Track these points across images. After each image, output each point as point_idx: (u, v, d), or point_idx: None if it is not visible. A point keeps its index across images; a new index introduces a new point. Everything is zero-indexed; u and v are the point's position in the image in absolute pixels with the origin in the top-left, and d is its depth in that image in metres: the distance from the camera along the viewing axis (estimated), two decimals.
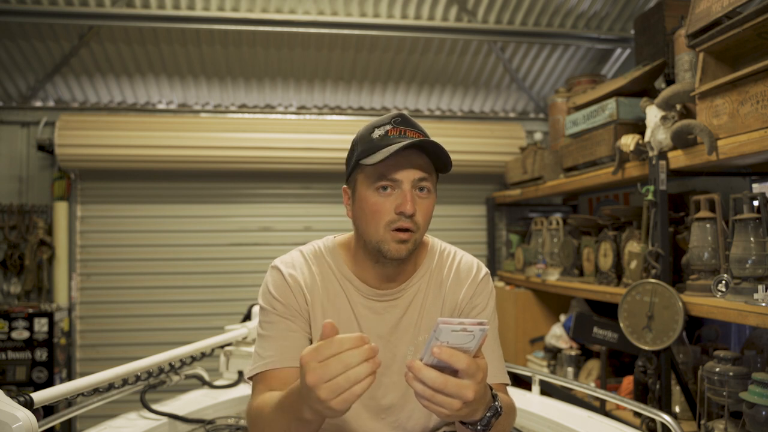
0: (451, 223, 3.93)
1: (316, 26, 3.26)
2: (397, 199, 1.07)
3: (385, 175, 1.07)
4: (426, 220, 1.11)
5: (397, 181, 1.07)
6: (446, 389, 0.79)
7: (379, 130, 1.09)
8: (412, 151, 1.08)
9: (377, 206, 1.08)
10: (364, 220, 1.11)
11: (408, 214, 1.06)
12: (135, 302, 3.59)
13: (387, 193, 1.08)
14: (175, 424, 1.56)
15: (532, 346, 3.23)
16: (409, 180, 1.07)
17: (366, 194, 1.10)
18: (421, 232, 1.11)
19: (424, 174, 1.08)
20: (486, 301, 1.23)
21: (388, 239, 1.08)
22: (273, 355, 1.11)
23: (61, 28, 3.17)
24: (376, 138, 1.08)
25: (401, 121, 1.10)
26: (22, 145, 3.57)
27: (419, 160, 1.08)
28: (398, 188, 1.08)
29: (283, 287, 1.16)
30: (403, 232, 1.08)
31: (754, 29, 1.59)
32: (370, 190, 1.09)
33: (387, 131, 1.08)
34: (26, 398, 1.12)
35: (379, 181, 1.08)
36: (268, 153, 3.53)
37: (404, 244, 1.08)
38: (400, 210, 1.06)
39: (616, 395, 1.66)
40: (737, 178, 2.27)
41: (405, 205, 1.06)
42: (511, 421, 1.14)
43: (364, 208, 1.10)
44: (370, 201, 1.09)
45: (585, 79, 3.14)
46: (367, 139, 1.10)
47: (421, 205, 1.09)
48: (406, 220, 1.07)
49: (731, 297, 1.72)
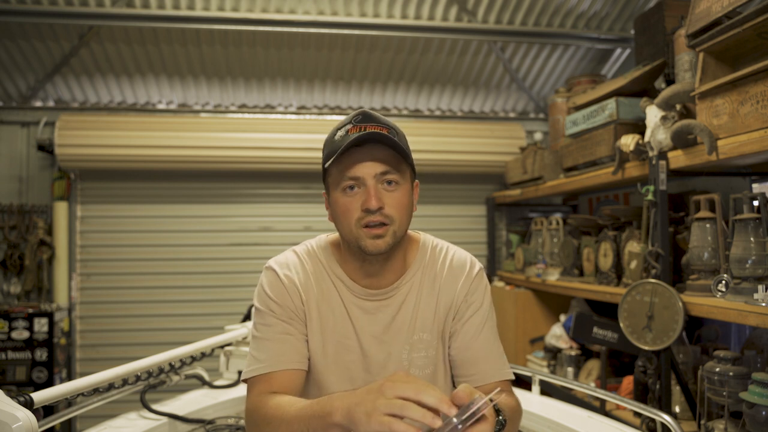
0: (451, 223, 3.93)
1: (316, 26, 3.26)
2: (363, 196, 1.07)
3: (346, 175, 1.07)
4: (400, 212, 1.10)
5: (359, 178, 1.07)
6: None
7: (341, 130, 1.10)
8: (374, 146, 1.07)
9: (345, 206, 1.09)
10: (338, 221, 1.12)
11: (373, 209, 1.06)
12: (135, 302, 3.59)
13: (353, 193, 1.08)
14: (175, 424, 1.56)
15: (532, 346, 3.23)
16: (371, 175, 1.07)
17: (335, 196, 1.11)
18: (399, 224, 1.10)
19: (386, 167, 1.08)
20: (482, 297, 1.22)
21: (363, 236, 1.08)
22: (269, 358, 1.10)
23: (61, 28, 3.17)
24: (337, 139, 1.09)
25: (362, 118, 1.10)
26: (22, 145, 3.57)
27: (380, 154, 1.07)
28: (363, 185, 1.08)
29: (279, 288, 1.16)
30: (377, 227, 1.07)
31: (754, 29, 1.59)
32: (338, 191, 1.10)
33: (347, 130, 1.08)
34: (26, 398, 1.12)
35: (343, 181, 1.08)
36: (268, 153, 3.53)
37: (380, 239, 1.08)
38: (365, 207, 1.06)
39: (616, 395, 1.66)
40: (737, 178, 2.27)
41: (369, 201, 1.06)
42: (517, 422, 1.14)
43: (336, 210, 1.11)
44: (339, 202, 1.10)
45: (585, 79, 3.14)
46: (330, 141, 1.12)
47: (389, 198, 1.08)
48: (373, 215, 1.07)
49: (731, 297, 1.71)
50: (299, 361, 1.13)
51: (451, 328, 1.21)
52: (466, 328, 1.19)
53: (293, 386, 1.10)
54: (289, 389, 1.08)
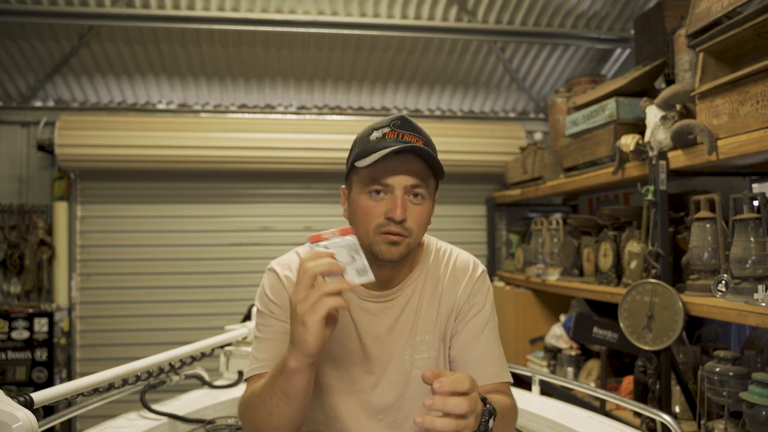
0: (451, 223, 3.93)
1: (316, 26, 3.26)
2: (388, 204, 1.06)
3: (377, 180, 1.06)
4: (420, 226, 1.10)
5: (389, 186, 1.06)
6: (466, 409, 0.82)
7: (377, 132, 1.09)
8: (408, 156, 1.07)
9: (368, 209, 1.08)
10: (356, 221, 1.11)
11: (397, 220, 1.05)
12: (135, 302, 3.59)
13: (379, 197, 1.07)
14: (175, 424, 1.56)
15: (532, 346, 3.23)
16: (401, 186, 1.06)
17: (359, 197, 1.10)
18: (415, 238, 1.10)
19: (417, 180, 1.07)
20: (484, 299, 1.22)
21: (379, 241, 1.07)
22: (269, 358, 1.11)
23: (61, 28, 3.17)
24: (372, 140, 1.08)
25: (400, 124, 1.09)
26: (22, 145, 3.57)
27: (414, 166, 1.07)
28: (390, 193, 1.07)
29: (279, 289, 1.16)
30: (394, 235, 1.07)
31: (754, 29, 1.59)
32: (363, 193, 1.09)
33: (385, 134, 1.07)
34: (26, 398, 1.12)
35: (372, 184, 1.07)
36: (268, 153, 3.53)
37: (395, 246, 1.07)
38: (389, 215, 1.05)
39: (616, 395, 1.65)
40: (737, 178, 2.27)
41: (395, 211, 1.05)
42: (512, 422, 1.14)
43: (356, 211, 1.10)
44: (362, 204, 1.09)
45: (585, 79, 3.14)
46: (364, 140, 1.10)
47: (413, 211, 1.08)
48: (395, 225, 1.06)
49: (731, 297, 1.71)
50: None
51: (452, 329, 1.21)
52: (467, 329, 1.20)
53: None
54: None
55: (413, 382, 1.19)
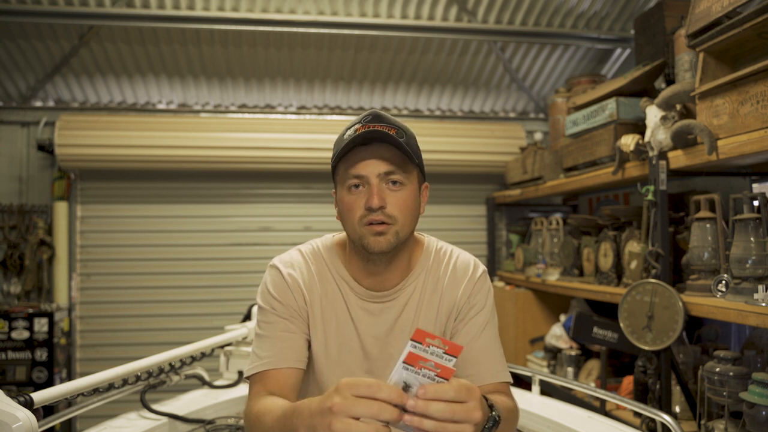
0: (451, 223, 3.93)
1: (316, 26, 3.25)
2: (366, 194, 1.08)
3: (351, 173, 1.08)
4: (404, 213, 1.10)
5: (363, 176, 1.08)
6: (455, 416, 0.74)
7: (351, 129, 1.10)
8: (379, 145, 1.08)
9: (350, 204, 1.10)
10: (343, 219, 1.13)
11: (374, 207, 1.06)
12: (135, 302, 3.59)
13: (358, 191, 1.09)
14: (175, 424, 1.56)
15: (532, 346, 3.23)
16: (375, 174, 1.07)
17: (342, 194, 1.12)
18: (402, 225, 1.10)
19: (390, 167, 1.08)
20: (484, 299, 1.22)
21: (366, 233, 1.09)
22: (271, 355, 1.10)
23: (61, 28, 3.17)
24: (346, 138, 1.09)
25: (371, 118, 1.10)
26: (22, 145, 3.57)
27: (385, 153, 1.08)
28: (367, 183, 1.08)
29: (282, 287, 1.16)
30: (378, 225, 1.07)
31: (754, 29, 1.59)
32: (344, 190, 1.11)
33: (356, 129, 1.08)
34: (26, 398, 1.12)
35: (349, 179, 1.09)
36: (268, 153, 3.53)
37: (382, 236, 1.08)
38: (367, 205, 1.07)
39: (616, 395, 1.65)
40: (737, 178, 2.27)
41: (371, 200, 1.06)
42: (514, 424, 1.14)
43: (341, 209, 1.13)
44: (345, 200, 1.11)
45: (585, 79, 3.14)
46: (339, 140, 1.12)
47: (392, 197, 1.08)
48: (375, 213, 1.07)
49: (731, 297, 1.71)
50: (298, 359, 1.13)
51: (452, 329, 1.21)
52: (467, 329, 1.20)
53: (290, 385, 1.10)
54: (285, 388, 1.09)
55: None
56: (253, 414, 1.03)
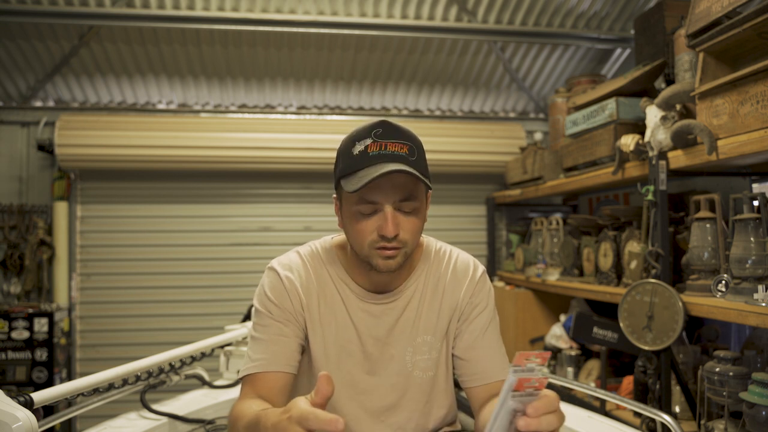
0: (451, 223, 3.93)
1: (316, 26, 3.25)
2: (379, 220, 1.06)
3: (365, 199, 1.05)
4: (414, 235, 1.09)
5: (377, 203, 1.05)
6: (560, 423, 0.81)
7: (360, 144, 1.05)
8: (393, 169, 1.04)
9: (360, 228, 1.07)
10: (350, 237, 1.12)
11: (389, 237, 1.04)
12: (135, 302, 3.59)
13: (369, 215, 1.07)
14: (175, 424, 1.56)
15: (532, 346, 3.23)
16: (390, 202, 1.05)
17: (350, 213, 1.09)
18: (410, 247, 1.10)
19: (405, 193, 1.06)
20: (486, 299, 1.23)
21: (375, 255, 1.08)
22: (263, 358, 1.11)
23: (61, 28, 3.17)
24: (356, 155, 1.05)
25: (382, 133, 1.05)
26: (22, 145, 3.57)
27: (400, 180, 1.05)
28: (380, 210, 1.06)
29: (279, 289, 1.16)
30: (389, 250, 1.07)
31: (754, 29, 1.59)
32: (352, 209, 1.08)
33: (367, 146, 1.04)
34: (26, 398, 1.12)
35: (360, 204, 1.06)
36: (268, 153, 3.53)
37: (392, 260, 1.08)
38: (381, 233, 1.05)
39: (616, 395, 1.65)
40: (737, 178, 2.27)
41: (386, 229, 1.04)
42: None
43: (349, 229, 1.11)
44: (354, 221, 1.08)
45: (585, 79, 3.13)
46: (347, 153, 1.07)
47: (406, 223, 1.07)
48: (388, 241, 1.05)
49: (731, 297, 1.71)
50: (288, 364, 1.13)
51: (456, 329, 1.22)
52: (471, 328, 1.21)
53: (278, 388, 1.10)
54: (274, 390, 1.09)
55: (414, 383, 1.19)
56: (232, 416, 1.05)
